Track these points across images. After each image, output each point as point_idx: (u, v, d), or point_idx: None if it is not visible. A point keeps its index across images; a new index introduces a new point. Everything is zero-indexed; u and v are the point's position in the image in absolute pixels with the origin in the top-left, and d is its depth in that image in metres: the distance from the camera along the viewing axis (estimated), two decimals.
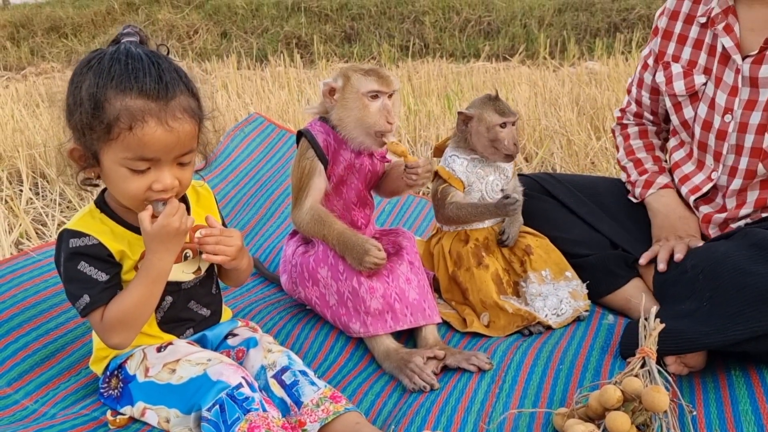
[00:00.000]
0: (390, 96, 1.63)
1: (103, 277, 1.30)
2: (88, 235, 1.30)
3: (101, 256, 1.31)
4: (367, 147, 1.67)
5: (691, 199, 1.82)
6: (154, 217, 1.28)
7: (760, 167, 1.66)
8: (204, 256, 1.38)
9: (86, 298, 1.29)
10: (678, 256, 1.66)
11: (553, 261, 1.80)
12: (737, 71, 1.67)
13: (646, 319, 1.40)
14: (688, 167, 1.85)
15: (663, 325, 1.37)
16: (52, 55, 8.81)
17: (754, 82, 1.65)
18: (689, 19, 1.82)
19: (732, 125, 1.69)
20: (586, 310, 1.77)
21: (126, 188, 1.26)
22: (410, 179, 1.63)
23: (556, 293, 1.75)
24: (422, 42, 8.30)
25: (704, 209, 1.81)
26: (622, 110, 2.08)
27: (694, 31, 1.80)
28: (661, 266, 1.68)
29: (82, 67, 1.25)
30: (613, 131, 2.12)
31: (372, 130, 1.62)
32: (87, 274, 1.29)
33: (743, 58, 1.66)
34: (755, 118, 1.65)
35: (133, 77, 1.20)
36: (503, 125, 1.76)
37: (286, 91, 4.83)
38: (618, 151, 2.07)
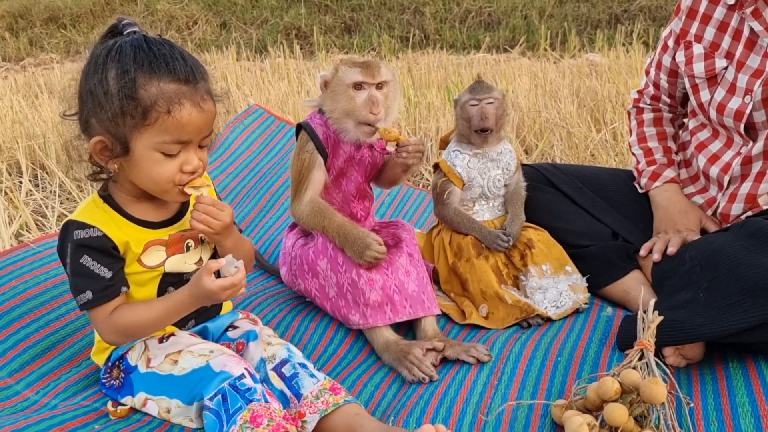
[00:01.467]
0: (379, 86, 1.62)
1: (106, 273, 1.30)
2: (93, 227, 1.31)
3: (105, 249, 1.31)
4: (358, 139, 1.67)
5: (725, 179, 1.79)
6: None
7: None
8: (190, 221, 1.34)
9: (89, 294, 1.30)
10: (671, 249, 1.67)
11: (553, 255, 1.80)
12: (765, 55, 1.66)
13: (644, 311, 1.40)
14: (716, 145, 1.83)
15: (661, 317, 1.37)
16: (51, 45, 8.78)
17: None
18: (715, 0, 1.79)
19: (750, 105, 1.68)
20: (586, 303, 1.77)
21: (159, 172, 1.28)
22: (400, 156, 1.65)
23: (556, 286, 1.76)
24: (422, 33, 8.27)
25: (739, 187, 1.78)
26: (640, 92, 2.06)
27: (719, 12, 1.77)
28: (656, 256, 1.70)
29: (101, 58, 1.24)
30: (628, 113, 2.11)
31: (358, 121, 1.62)
32: (90, 269, 1.30)
33: None
34: None
35: (163, 62, 1.22)
36: (473, 103, 1.77)
37: (285, 83, 4.82)
38: (630, 134, 2.06)
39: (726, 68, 1.75)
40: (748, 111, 1.69)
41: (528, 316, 1.71)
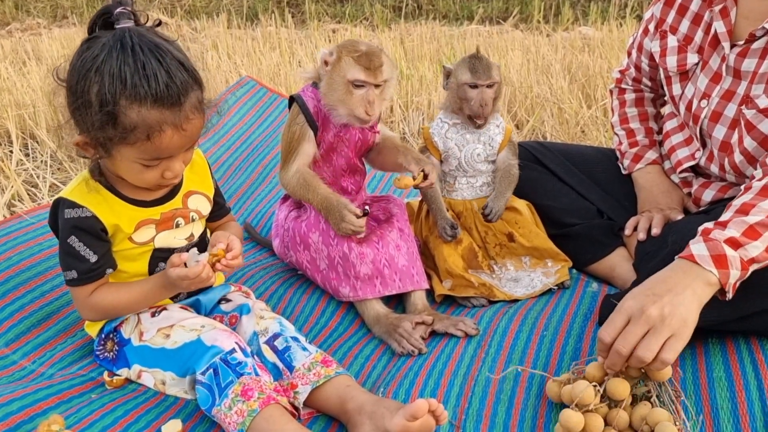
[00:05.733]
0: (378, 85, 1.61)
1: (91, 256, 1.32)
2: (83, 207, 1.31)
3: (93, 231, 1.32)
4: (348, 123, 1.68)
5: (678, 170, 1.83)
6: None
7: (726, 162, 1.65)
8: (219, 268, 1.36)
9: (74, 274, 1.33)
10: (655, 231, 1.69)
11: (535, 246, 1.80)
12: (723, 59, 1.64)
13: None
14: (677, 138, 1.85)
15: None
16: (38, 10, 8.61)
17: (737, 74, 1.61)
18: None
19: (705, 111, 1.67)
20: (560, 284, 1.79)
21: (140, 178, 1.31)
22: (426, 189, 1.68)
23: (529, 275, 1.79)
24: (415, 3, 8.18)
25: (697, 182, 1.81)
26: (622, 72, 2.05)
27: (695, 4, 1.73)
28: (641, 235, 1.72)
29: (87, 63, 1.19)
30: (610, 92, 2.10)
31: (352, 114, 1.63)
32: (76, 249, 1.32)
33: (731, 47, 1.62)
34: (730, 110, 1.62)
35: (147, 84, 1.16)
36: (473, 86, 1.74)
37: (277, 53, 4.76)
38: (612, 114, 2.06)
39: (697, 64, 1.72)
40: (702, 116, 1.68)
41: (489, 297, 1.73)
